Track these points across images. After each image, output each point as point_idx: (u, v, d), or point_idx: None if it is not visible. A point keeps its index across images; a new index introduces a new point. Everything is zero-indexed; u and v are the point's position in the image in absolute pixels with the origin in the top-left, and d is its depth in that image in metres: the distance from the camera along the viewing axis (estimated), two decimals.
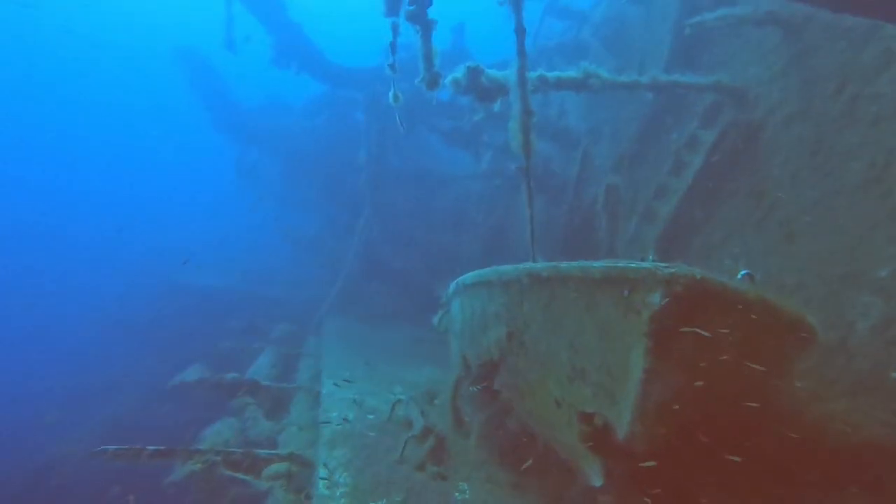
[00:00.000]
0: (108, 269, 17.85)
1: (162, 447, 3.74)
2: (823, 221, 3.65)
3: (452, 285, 3.71)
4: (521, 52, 3.11)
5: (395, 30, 3.18)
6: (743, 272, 1.86)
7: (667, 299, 1.75)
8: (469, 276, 3.28)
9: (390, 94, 3.41)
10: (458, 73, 3.65)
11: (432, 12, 3.16)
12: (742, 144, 4.73)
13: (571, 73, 4.16)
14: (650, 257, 2.25)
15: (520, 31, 3.06)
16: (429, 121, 8.51)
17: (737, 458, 1.87)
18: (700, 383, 1.82)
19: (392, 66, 3.29)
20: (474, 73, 3.57)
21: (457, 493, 3.23)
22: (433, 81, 3.36)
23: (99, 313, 14.22)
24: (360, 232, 8.63)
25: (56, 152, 36.78)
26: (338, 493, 3.28)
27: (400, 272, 11.11)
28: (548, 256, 8.27)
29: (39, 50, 39.16)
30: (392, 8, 3.10)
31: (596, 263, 2.15)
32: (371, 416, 4.39)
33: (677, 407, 1.86)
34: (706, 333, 1.75)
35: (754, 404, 1.86)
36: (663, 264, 1.80)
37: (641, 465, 1.96)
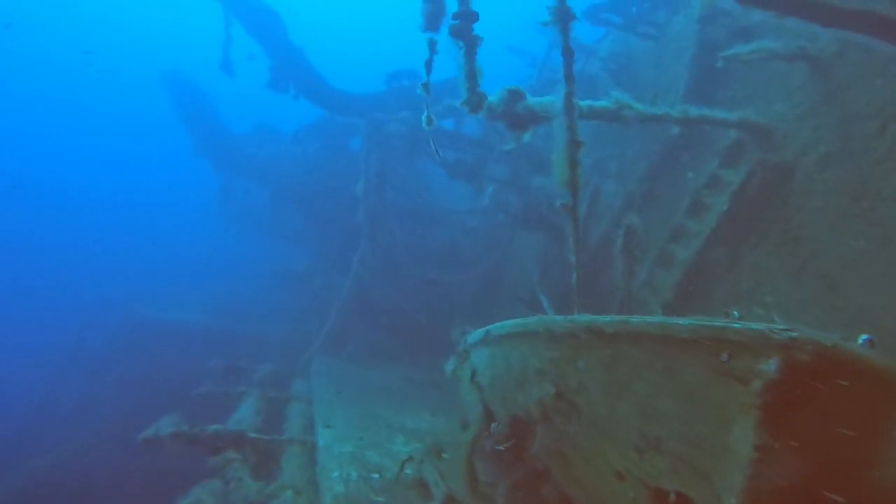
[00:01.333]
0: (64, 299, 16.96)
1: None
2: (872, 273, 3.52)
3: (478, 333, 3.43)
4: (570, 77, 2.96)
5: (432, 47, 2.99)
6: (864, 337, 1.66)
7: (786, 368, 1.52)
8: (503, 326, 3.01)
9: (423, 116, 3.20)
10: (495, 96, 3.48)
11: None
12: (771, 186, 4.65)
13: (604, 102, 4.02)
14: (734, 312, 2.04)
15: (567, 53, 2.92)
16: (430, 151, 8.39)
17: None
18: (820, 464, 1.58)
19: (426, 87, 3.09)
20: (513, 96, 3.40)
21: None
22: (477, 104, 3.17)
23: (49, 344, 13.40)
24: (356, 267, 8.32)
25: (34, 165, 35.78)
26: None
27: (391, 310, 10.78)
28: (551, 297, 8.12)
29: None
30: (432, 22, 2.92)
31: (679, 320, 1.91)
32: (376, 476, 3.99)
33: (792, 490, 1.60)
34: (832, 406, 1.52)
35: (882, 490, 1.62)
36: (778, 325, 1.58)
37: None
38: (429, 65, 3.03)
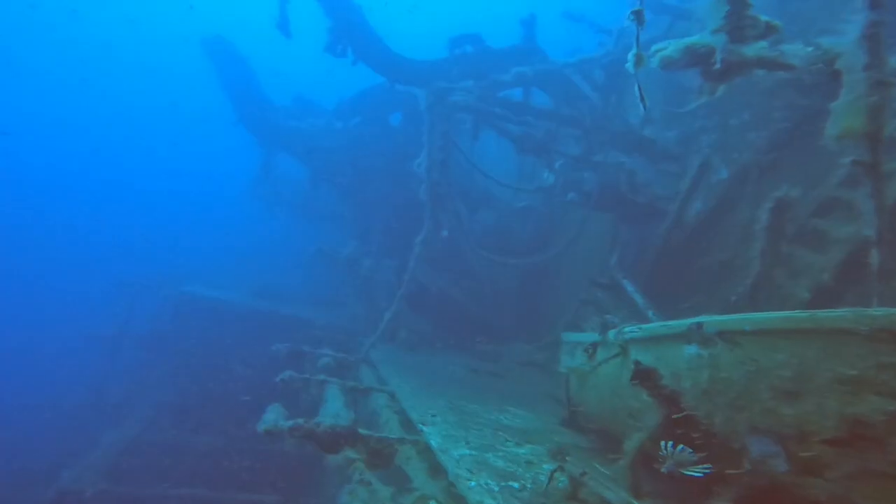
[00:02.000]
0: (101, 277, 16.53)
1: None
2: None
3: (672, 326, 2.85)
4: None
5: None
6: None
7: None
8: (748, 319, 2.40)
9: (631, 54, 2.58)
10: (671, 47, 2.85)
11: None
12: None
13: None
14: None
15: None
16: (498, 124, 7.76)
17: None
18: None
19: (638, 15, 2.45)
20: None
21: None
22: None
23: (87, 324, 13.04)
24: (418, 249, 7.75)
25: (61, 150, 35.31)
26: None
27: (440, 296, 10.28)
28: (631, 280, 7.52)
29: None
30: None
31: None
32: (515, 485, 3.48)
33: None
34: None
35: None
36: None
37: None
38: None
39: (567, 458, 4.13)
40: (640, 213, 7.89)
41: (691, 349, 2.35)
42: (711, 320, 2.33)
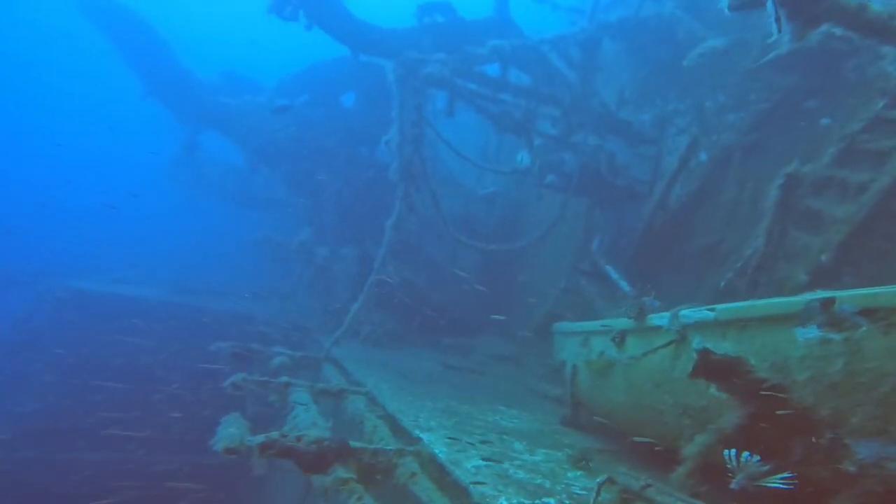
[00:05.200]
0: None
1: None
2: None
3: (743, 307, 2.44)
4: None
5: None
6: None
7: None
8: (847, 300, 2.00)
9: None
10: None
11: None
12: None
13: None
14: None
15: None
16: (474, 100, 7.24)
17: None
18: None
19: None
20: None
21: None
22: None
23: None
24: (390, 236, 7.11)
25: None
26: None
27: (404, 287, 9.67)
28: (614, 266, 7.28)
29: None
30: None
31: None
32: (552, 502, 3.00)
33: None
34: None
35: None
36: None
37: None
38: None
39: (590, 464, 3.73)
40: (619, 197, 7.69)
41: (809, 332, 1.96)
42: (846, 295, 1.94)
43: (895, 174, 4.27)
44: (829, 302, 1.89)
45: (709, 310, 2.58)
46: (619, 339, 3.70)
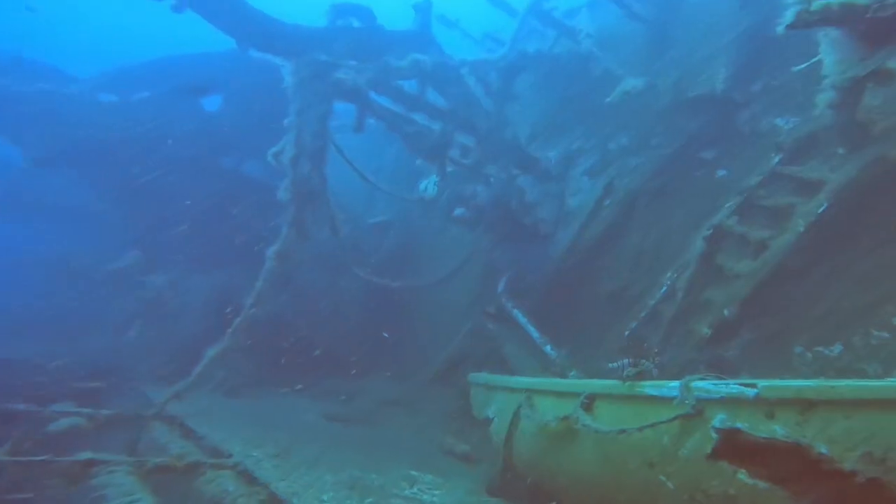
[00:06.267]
0: None
1: None
2: None
3: (808, 385, 2.09)
4: None
5: None
6: None
7: None
8: None
9: None
10: None
11: None
12: (883, 185, 4.33)
13: None
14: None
15: None
16: (388, 116, 6.57)
17: None
18: None
19: None
20: None
21: None
22: None
23: None
24: (273, 264, 5.97)
25: None
26: None
27: (271, 323, 8.34)
28: (523, 309, 7.02)
29: None
30: None
31: None
32: None
33: None
34: None
35: None
36: None
37: None
38: None
39: None
40: (524, 235, 7.53)
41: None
42: None
43: (797, 232, 4.55)
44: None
45: (744, 384, 2.19)
46: (587, 403, 3.21)
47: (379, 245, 10.32)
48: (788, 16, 3.33)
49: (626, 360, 2.80)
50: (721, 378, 2.57)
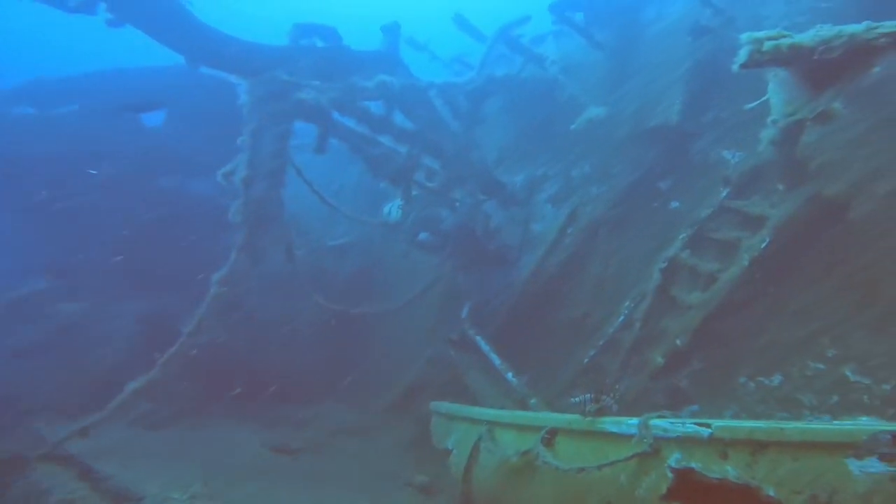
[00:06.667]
0: None
1: None
2: None
3: (753, 426, 2.15)
4: None
5: None
6: None
7: None
8: None
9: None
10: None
11: None
12: (819, 222, 4.58)
13: None
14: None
15: None
16: (352, 138, 6.54)
17: None
18: None
19: None
20: None
21: None
22: None
23: None
24: (217, 291, 5.77)
25: None
26: None
27: (211, 349, 7.96)
28: (485, 336, 7.01)
29: None
30: None
31: None
32: None
33: None
34: None
35: None
36: None
37: None
38: None
39: None
40: (488, 261, 7.57)
41: (870, 466, 1.69)
42: None
43: (742, 266, 4.75)
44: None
45: (699, 424, 2.24)
46: (548, 438, 3.21)
47: (338, 268, 10.14)
48: (741, 55, 3.52)
49: (587, 395, 2.83)
50: (676, 415, 2.62)
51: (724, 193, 5.52)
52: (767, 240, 4.69)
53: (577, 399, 2.89)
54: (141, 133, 10.34)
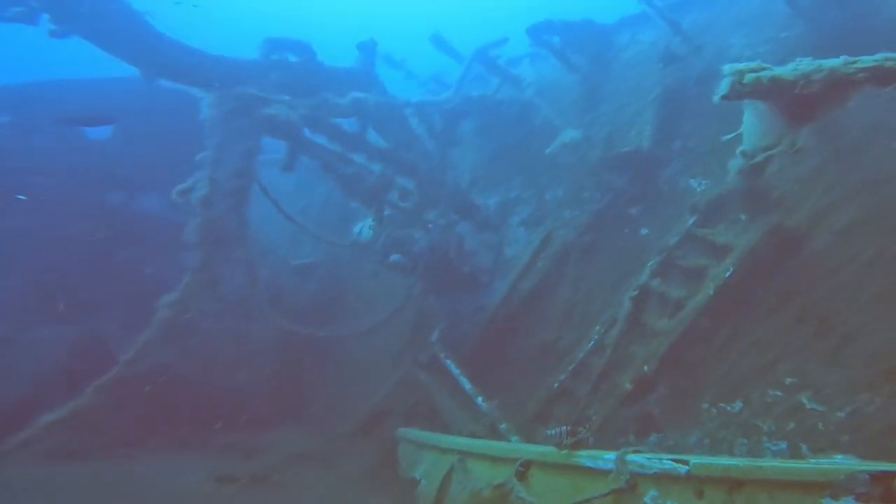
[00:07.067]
0: None
1: None
2: None
3: (734, 464, 2.16)
4: None
5: None
6: None
7: None
8: None
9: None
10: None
11: None
12: (778, 254, 4.74)
13: None
14: None
15: None
16: (324, 156, 6.44)
17: None
18: None
19: None
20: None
21: None
22: None
23: None
24: (166, 315, 5.53)
25: None
26: None
27: (156, 375, 7.55)
28: (456, 359, 6.95)
29: None
30: None
31: None
32: None
33: None
34: None
35: None
36: None
37: None
38: None
39: None
40: (460, 284, 7.54)
41: None
42: None
43: (707, 294, 4.89)
44: (885, 477, 1.70)
45: (676, 461, 2.25)
46: (523, 470, 3.18)
47: (302, 288, 9.87)
48: (723, 87, 3.60)
49: (564, 428, 2.81)
50: (651, 449, 2.62)
51: (690, 221, 5.67)
52: (731, 269, 4.84)
53: (552, 431, 2.87)
54: (84, 147, 9.94)
